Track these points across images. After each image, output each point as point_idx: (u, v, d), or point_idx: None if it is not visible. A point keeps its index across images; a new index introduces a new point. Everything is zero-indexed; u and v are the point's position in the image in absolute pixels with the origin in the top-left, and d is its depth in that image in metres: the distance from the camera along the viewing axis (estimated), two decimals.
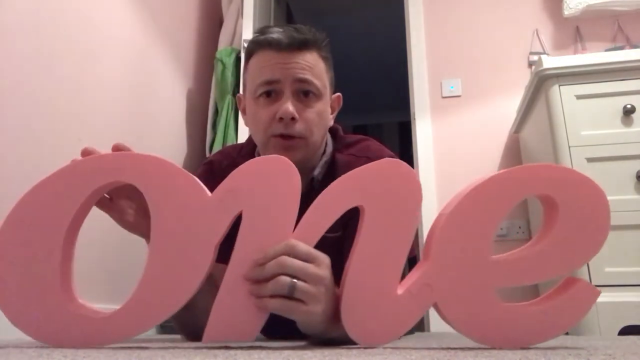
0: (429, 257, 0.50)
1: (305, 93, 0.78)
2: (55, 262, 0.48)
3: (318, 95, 0.79)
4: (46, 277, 0.48)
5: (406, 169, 0.52)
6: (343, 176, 0.52)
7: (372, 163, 0.52)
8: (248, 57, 0.82)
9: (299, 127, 0.77)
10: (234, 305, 0.49)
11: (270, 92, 0.78)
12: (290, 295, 0.48)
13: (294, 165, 0.51)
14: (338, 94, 0.89)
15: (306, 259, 0.50)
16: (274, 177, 0.50)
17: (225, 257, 0.51)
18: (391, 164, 0.52)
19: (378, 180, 0.51)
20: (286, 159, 0.51)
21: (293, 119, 0.76)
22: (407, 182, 0.51)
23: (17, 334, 0.61)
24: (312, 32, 0.80)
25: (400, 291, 0.50)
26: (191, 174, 0.51)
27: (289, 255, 0.49)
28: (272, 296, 0.48)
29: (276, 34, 0.77)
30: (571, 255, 0.50)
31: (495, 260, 0.50)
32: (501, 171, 0.51)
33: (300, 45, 0.77)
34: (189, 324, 0.56)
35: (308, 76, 0.77)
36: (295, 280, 0.48)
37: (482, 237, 0.50)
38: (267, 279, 0.49)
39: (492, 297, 0.49)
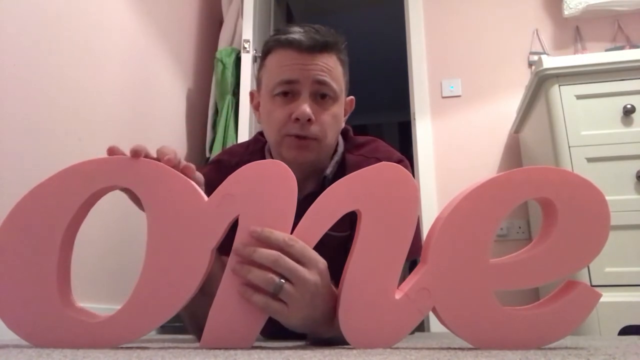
0: (426, 260, 0.50)
1: (322, 95, 0.78)
2: (52, 266, 0.48)
3: (334, 98, 0.79)
4: (43, 280, 0.48)
5: (403, 173, 0.52)
6: (339, 180, 0.52)
7: (368, 167, 0.52)
8: (266, 54, 0.82)
9: (314, 129, 0.77)
10: (230, 311, 0.49)
11: (288, 92, 0.78)
12: (275, 294, 0.48)
13: (290, 170, 0.51)
14: (351, 97, 0.89)
15: (300, 259, 0.49)
16: (270, 182, 0.50)
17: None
18: (388, 168, 0.52)
19: (374, 184, 0.51)
20: (283, 163, 0.51)
21: (309, 120, 0.76)
22: (404, 186, 0.51)
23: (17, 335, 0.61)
24: (333, 34, 0.80)
25: (398, 296, 0.50)
26: (188, 179, 0.51)
27: (284, 252, 0.49)
28: (257, 289, 0.48)
29: (297, 34, 0.77)
30: (571, 258, 0.50)
31: (494, 264, 0.50)
32: (499, 174, 0.51)
33: (320, 48, 0.77)
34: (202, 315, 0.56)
35: (327, 78, 0.77)
36: (283, 281, 0.48)
37: (481, 241, 0.50)
38: (256, 264, 0.48)
39: (492, 301, 0.49)
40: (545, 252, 0.50)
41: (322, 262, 0.52)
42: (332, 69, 0.78)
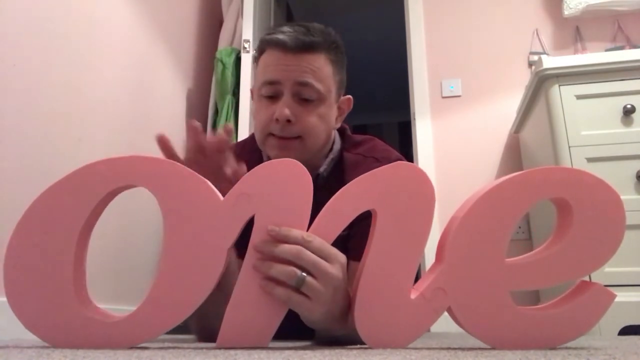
0: (442, 260, 0.50)
1: (305, 97, 0.78)
2: (68, 266, 0.48)
3: (320, 100, 0.79)
4: (60, 281, 0.48)
5: (419, 173, 0.52)
6: (355, 180, 0.51)
7: (384, 167, 0.52)
8: (259, 53, 0.83)
9: (295, 129, 0.77)
10: (248, 309, 0.49)
11: (272, 92, 0.78)
12: (297, 287, 0.48)
13: (305, 169, 0.51)
14: (349, 96, 0.89)
15: (320, 255, 0.49)
16: (285, 181, 0.50)
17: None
18: (404, 167, 0.52)
19: (391, 183, 0.51)
20: (298, 162, 0.51)
21: (289, 121, 0.76)
22: (421, 186, 0.51)
23: (17, 334, 0.61)
24: (325, 33, 0.80)
25: (413, 295, 0.50)
26: (204, 179, 0.51)
27: (303, 246, 0.49)
28: (279, 283, 0.48)
29: (283, 34, 0.77)
30: (586, 259, 0.50)
31: (510, 264, 0.50)
32: (515, 174, 0.51)
33: (305, 48, 0.77)
34: (210, 314, 0.55)
35: (309, 80, 0.77)
36: (304, 274, 0.48)
37: (497, 240, 0.50)
38: (277, 260, 0.48)
39: (507, 300, 0.49)
40: (560, 253, 0.50)
41: (342, 257, 0.52)
42: (316, 70, 0.78)
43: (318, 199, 0.52)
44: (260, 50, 0.82)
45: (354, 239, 0.72)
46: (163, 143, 0.62)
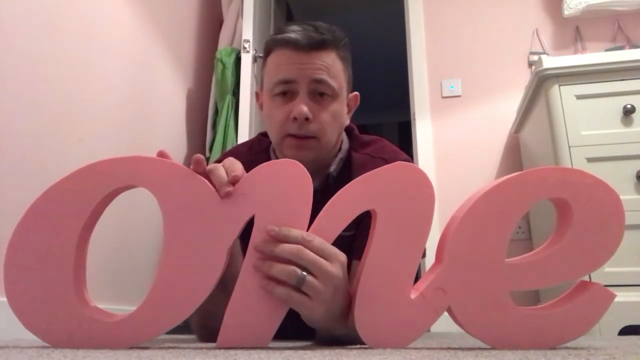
0: (442, 260, 0.50)
1: (320, 94, 0.78)
2: (68, 265, 0.48)
3: (333, 96, 0.79)
4: (60, 280, 0.48)
5: (419, 173, 0.52)
6: (355, 180, 0.52)
7: (384, 167, 0.52)
8: (266, 54, 0.83)
9: (312, 128, 0.77)
10: (248, 309, 0.49)
11: (286, 92, 0.78)
12: (297, 286, 0.49)
13: (305, 169, 0.51)
14: (355, 93, 0.89)
15: (320, 254, 0.50)
16: (285, 181, 0.51)
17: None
18: (404, 167, 0.52)
19: (391, 184, 0.51)
20: (298, 162, 0.51)
21: (307, 119, 0.76)
22: (420, 186, 0.51)
23: (17, 334, 0.61)
24: (332, 31, 0.80)
25: (413, 295, 0.50)
26: (203, 179, 0.51)
27: (303, 245, 0.49)
28: (280, 282, 0.49)
29: (294, 33, 0.77)
30: (586, 259, 0.50)
31: (510, 264, 0.50)
32: (514, 174, 0.51)
33: (318, 46, 0.77)
34: (212, 314, 0.54)
35: (324, 77, 0.77)
36: (305, 274, 0.49)
37: (497, 240, 0.50)
38: (277, 259, 0.49)
39: (507, 301, 0.49)
40: (560, 253, 0.50)
41: (342, 256, 0.52)
42: (330, 67, 0.78)
43: (328, 198, 0.52)
44: (268, 51, 0.82)
45: (359, 238, 0.72)
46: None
